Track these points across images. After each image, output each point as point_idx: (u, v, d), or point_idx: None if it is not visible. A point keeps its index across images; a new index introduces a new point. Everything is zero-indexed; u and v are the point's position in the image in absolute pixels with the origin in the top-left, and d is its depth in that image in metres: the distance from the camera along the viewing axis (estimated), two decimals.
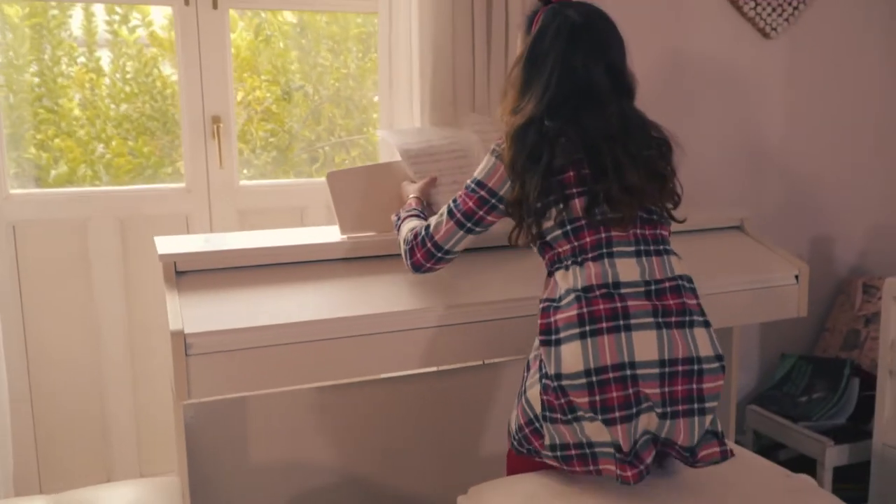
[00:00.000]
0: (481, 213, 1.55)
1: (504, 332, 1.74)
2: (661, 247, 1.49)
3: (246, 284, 1.67)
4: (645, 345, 1.37)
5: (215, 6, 2.32)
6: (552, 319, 1.42)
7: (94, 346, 2.26)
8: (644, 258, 1.45)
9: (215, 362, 1.52)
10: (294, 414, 2.02)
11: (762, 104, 2.69)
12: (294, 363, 1.59)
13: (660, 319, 1.39)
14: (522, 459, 1.55)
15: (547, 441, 1.43)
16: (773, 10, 2.58)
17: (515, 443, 1.52)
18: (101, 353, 2.26)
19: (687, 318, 1.41)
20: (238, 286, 1.66)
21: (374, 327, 1.65)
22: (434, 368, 2.08)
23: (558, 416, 1.40)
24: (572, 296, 1.41)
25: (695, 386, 1.38)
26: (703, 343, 1.40)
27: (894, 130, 2.85)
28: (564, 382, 1.37)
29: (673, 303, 1.41)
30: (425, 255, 1.60)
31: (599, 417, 1.36)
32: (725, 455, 1.42)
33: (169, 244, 1.75)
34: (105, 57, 2.78)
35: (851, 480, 2.41)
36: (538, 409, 1.43)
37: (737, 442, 2.63)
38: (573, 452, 1.41)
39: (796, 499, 1.43)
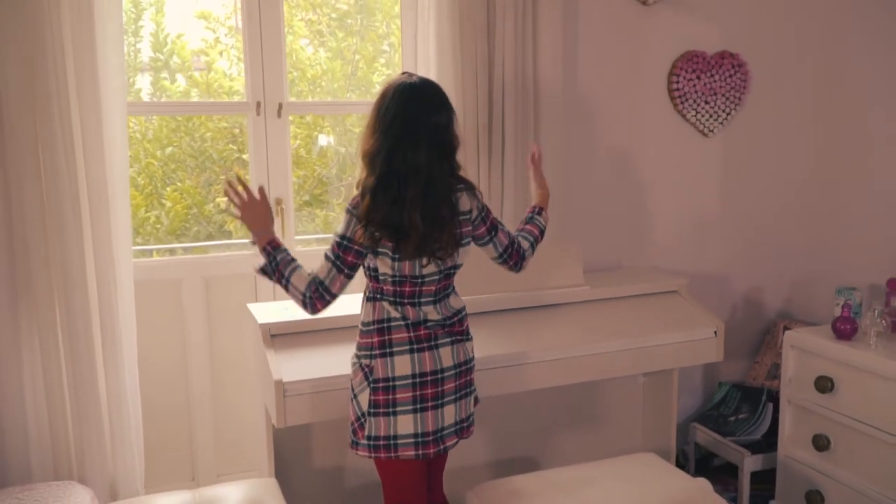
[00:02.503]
0: (357, 261, 1.99)
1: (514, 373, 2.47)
2: (447, 292, 2.09)
3: (320, 343, 2.38)
4: (446, 357, 2.04)
5: (279, 115, 2.99)
6: (387, 338, 2.01)
7: (183, 376, 2.86)
8: (439, 304, 2.06)
9: (303, 400, 2.24)
10: (341, 431, 2.73)
11: (703, 187, 3.39)
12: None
13: (454, 338, 2.07)
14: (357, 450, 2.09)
15: (366, 432, 2.02)
16: (710, 115, 3.29)
17: (351, 435, 2.08)
18: (188, 381, 2.86)
19: (464, 337, 2.11)
20: (315, 345, 2.38)
21: None
22: None
23: (381, 410, 2.00)
24: (402, 324, 2.01)
25: (467, 378, 2.11)
26: (469, 351, 2.12)
27: (809, 208, 3.53)
28: (397, 383, 1.99)
29: (458, 329, 2.09)
30: (323, 305, 2.00)
31: (418, 407, 2.00)
32: (471, 431, 2.15)
33: (262, 313, 2.46)
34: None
35: (764, 482, 3.11)
36: (365, 408, 2.02)
37: (681, 451, 3.37)
38: (381, 443, 2.02)
39: (689, 496, 2.15)
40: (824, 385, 2.71)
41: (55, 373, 2.38)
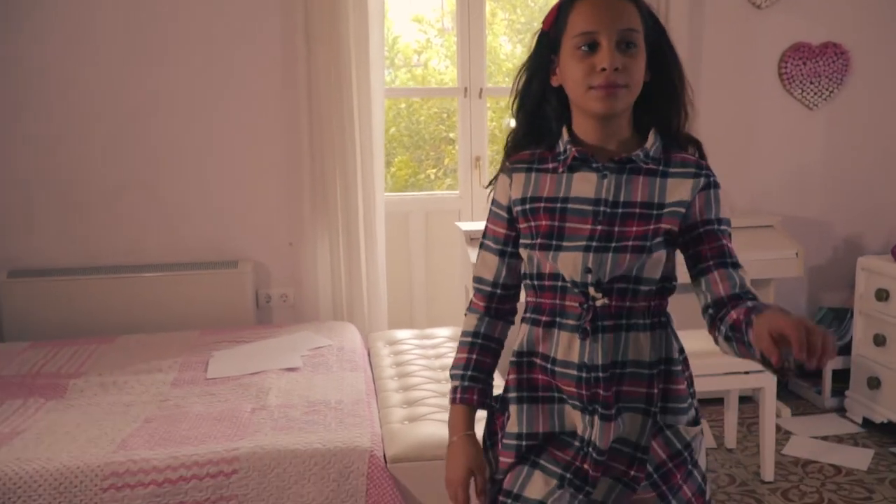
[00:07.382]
0: None
1: None
2: None
3: None
4: None
5: (480, 96, 4.23)
6: None
7: (408, 266, 4.14)
8: None
9: None
10: None
11: (808, 149, 4.20)
12: None
13: None
14: None
15: None
16: (815, 93, 4.12)
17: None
18: (411, 270, 4.15)
19: None
20: None
21: None
22: None
23: None
24: None
25: None
26: None
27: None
28: None
29: None
30: None
31: None
32: None
33: (464, 225, 3.74)
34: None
35: (842, 380, 3.93)
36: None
37: (786, 359, 4.25)
38: None
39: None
40: (881, 295, 3.54)
41: (335, 255, 3.80)
